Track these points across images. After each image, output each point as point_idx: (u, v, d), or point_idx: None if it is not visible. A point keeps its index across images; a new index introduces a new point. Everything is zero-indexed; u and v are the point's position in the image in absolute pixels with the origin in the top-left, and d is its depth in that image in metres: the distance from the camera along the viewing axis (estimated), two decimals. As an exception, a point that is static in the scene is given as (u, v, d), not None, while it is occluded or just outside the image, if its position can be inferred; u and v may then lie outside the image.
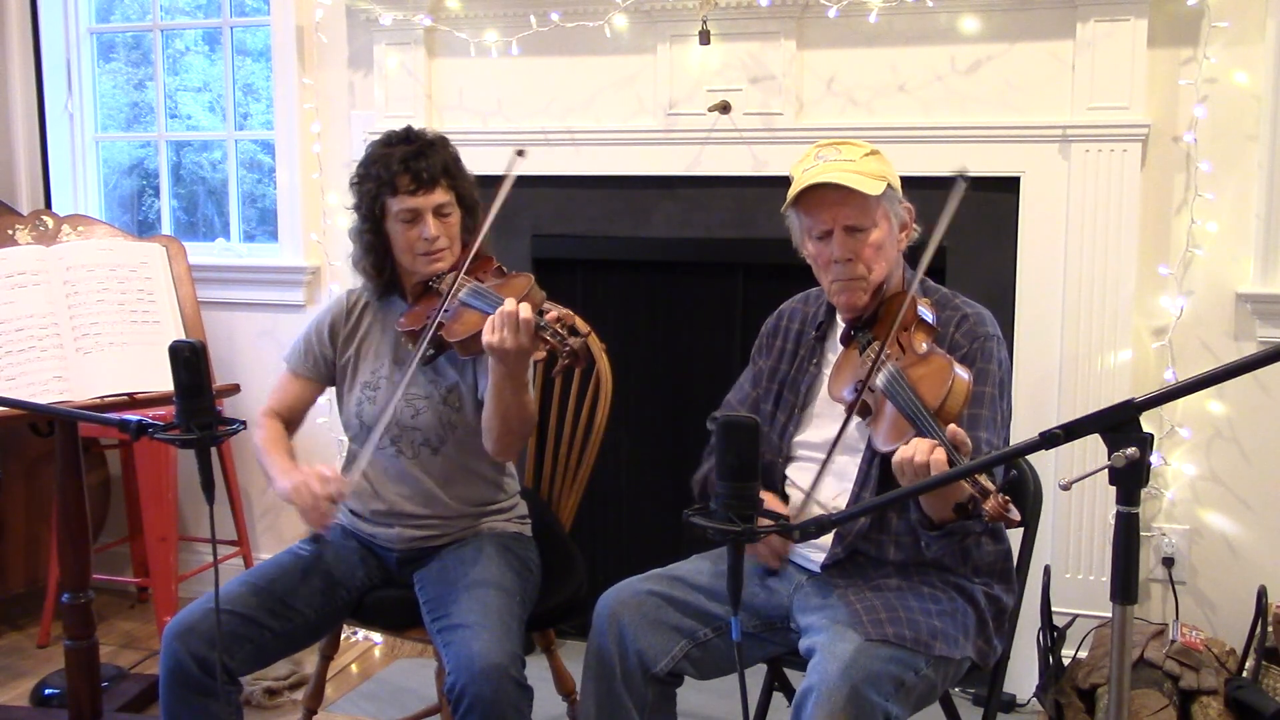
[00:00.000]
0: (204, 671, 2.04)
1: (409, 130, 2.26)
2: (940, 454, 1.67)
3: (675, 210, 3.12)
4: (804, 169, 1.99)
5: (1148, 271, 2.80)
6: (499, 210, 2.14)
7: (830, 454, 1.94)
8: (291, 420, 2.35)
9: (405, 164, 2.18)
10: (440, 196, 2.20)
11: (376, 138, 2.27)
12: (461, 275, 2.15)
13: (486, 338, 2.00)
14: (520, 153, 2.15)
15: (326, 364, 2.34)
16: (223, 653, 2.05)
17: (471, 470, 2.28)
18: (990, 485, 1.62)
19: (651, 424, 3.32)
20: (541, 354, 2.02)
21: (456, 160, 2.27)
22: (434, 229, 2.19)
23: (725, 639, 2.00)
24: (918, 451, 1.68)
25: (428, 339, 2.13)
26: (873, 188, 1.93)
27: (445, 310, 2.13)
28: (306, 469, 2.12)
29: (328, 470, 2.10)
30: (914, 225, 2.06)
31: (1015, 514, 1.63)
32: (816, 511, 2.01)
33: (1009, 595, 2.02)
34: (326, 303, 2.41)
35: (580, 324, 2.01)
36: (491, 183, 2.36)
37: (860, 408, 1.89)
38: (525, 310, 1.98)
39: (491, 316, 2.00)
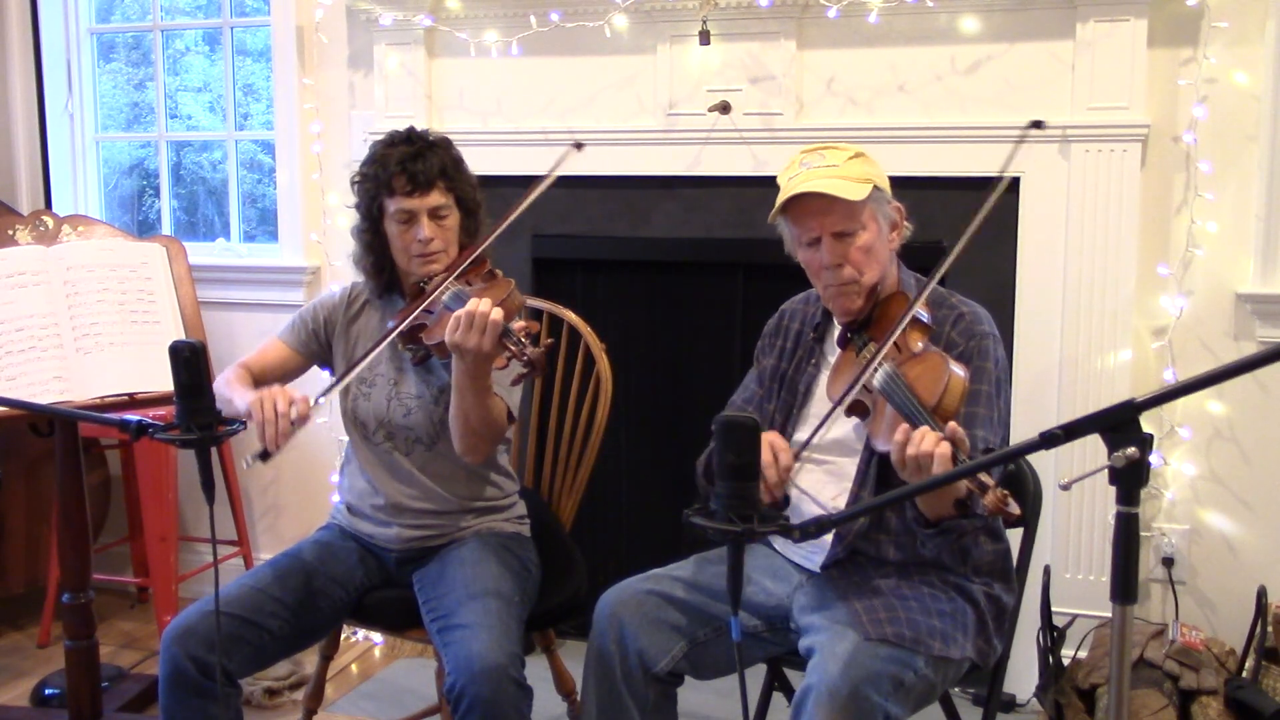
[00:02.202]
0: (203, 675, 2.04)
1: (411, 131, 2.26)
2: (945, 446, 1.66)
3: (675, 210, 3.12)
4: (789, 177, 1.98)
5: (1147, 271, 2.80)
6: (527, 207, 2.15)
7: (818, 430, 1.92)
8: (259, 380, 2.31)
9: (402, 165, 2.18)
10: (436, 199, 2.20)
11: (381, 138, 2.27)
12: (451, 279, 2.15)
13: (449, 335, 2.00)
14: (579, 146, 2.11)
15: (316, 342, 2.35)
16: (222, 655, 2.04)
17: (467, 467, 2.28)
18: (989, 480, 1.62)
19: (651, 424, 3.32)
20: (502, 361, 2.02)
21: (458, 163, 2.26)
22: (428, 231, 2.19)
23: (725, 639, 1.99)
24: (925, 440, 1.67)
25: (390, 340, 2.14)
26: (856, 192, 1.92)
27: (429, 312, 2.13)
28: (275, 387, 2.07)
29: (296, 393, 2.06)
30: (905, 224, 2.05)
31: (1015, 508, 1.63)
32: (811, 467, 2.02)
33: (1009, 595, 2.02)
34: (336, 290, 2.41)
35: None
36: (491, 183, 2.36)
37: (859, 408, 1.89)
38: (497, 314, 1.98)
39: (457, 314, 2.00)
